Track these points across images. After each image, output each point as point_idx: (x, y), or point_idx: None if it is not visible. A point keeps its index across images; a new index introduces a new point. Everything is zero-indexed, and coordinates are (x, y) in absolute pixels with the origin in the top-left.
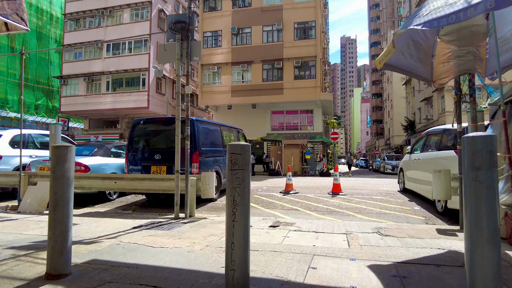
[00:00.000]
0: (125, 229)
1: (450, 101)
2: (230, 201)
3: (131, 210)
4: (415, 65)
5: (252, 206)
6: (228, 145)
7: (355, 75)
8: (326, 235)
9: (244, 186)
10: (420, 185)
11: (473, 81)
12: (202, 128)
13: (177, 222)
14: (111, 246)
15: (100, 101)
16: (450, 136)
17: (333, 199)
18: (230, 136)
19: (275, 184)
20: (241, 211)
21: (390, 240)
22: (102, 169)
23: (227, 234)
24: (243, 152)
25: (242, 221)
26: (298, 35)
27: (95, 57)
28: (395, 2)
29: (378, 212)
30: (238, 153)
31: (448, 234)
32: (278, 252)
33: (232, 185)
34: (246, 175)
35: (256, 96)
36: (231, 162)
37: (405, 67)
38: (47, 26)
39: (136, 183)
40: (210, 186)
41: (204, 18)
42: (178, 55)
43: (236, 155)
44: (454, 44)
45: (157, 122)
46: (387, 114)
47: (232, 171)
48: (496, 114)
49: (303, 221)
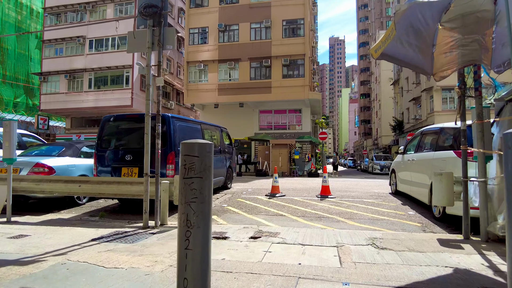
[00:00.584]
0: (82, 242)
1: (439, 101)
2: (182, 221)
3: (98, 217)
4: (414, 55)
5: (234, 212)
6: (181, 145)
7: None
8: (314, 249)
9: (202, 201)
10: (414, 188)
11: (479, 73)
12: (180, 126)
13: (145, 232)
14: (53, 267)
15: (82, 99)
16: (447, 135)
17: (322, 202)
18: (213, 135)
19: (262, 185)
20: (198, 236)
21: (387, 255)
22: (69, 171)
23: (179, 266)
24: (201, 154)
25: (199, 249)
26: (286, 33)
27: (77, 54)
28: (384, 3)
29: (371, 218)
30: (194, 155)
31: (452, 246)
32: (256, 274)
33: (186, 200)
34: (206, 185)
35: (243, 95)
36: (185, 168)
37: (403, 58)
38: (27, 20)
39: (102, 187)
40: None
41: (190, 14)
42: (149, 43)
43: (191, 158)
44: (457, 31)
45: (129, 119)
46: (375, 114)
47: (185, 180)
48: (502, 111)
49: (288, 230)
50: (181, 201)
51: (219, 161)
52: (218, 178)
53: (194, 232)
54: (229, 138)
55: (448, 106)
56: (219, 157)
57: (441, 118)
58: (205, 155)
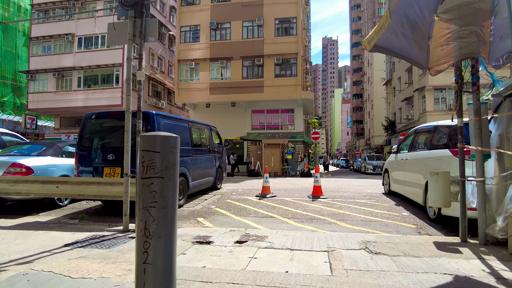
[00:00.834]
0: (53, 248)
1: (431, 101)
2: (140, 230)
3: (78, 219)
4: (409, 48)
5: (222, 214)
6: (140, 138)
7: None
8: (304, 254)
9: (164, 206)
10: (408, 188)
11: (477, 66)
12: (165, 124)
13: (124, 236)
14: (12, 279)
15: (71, 98)
16: (442, 133)
17: (313, 203)
18: (201, 134)
19: (253, 186)
20: (158, 248)
21: (382, 260)
22: (50, 171)
23: (136, 284)
24: (164, 149)
25: (160, 263)
26: (279, 32)
27: (66, 52)
28: (376, 3)
29: (364, 219)
30: (154, 150)
31: (449, 250)
32: (238, 284)
33: (144, 204)
34: (170, 187)
35: (235, 94)
36: (143, 166)
37: (398, 50)
38: (14, 17)
39: (82, 187)
40: None
41: (181, 12)
42: (130, 35)
43: (150, 154)
44: (454, 23)
45: (112, 117)
46: (367, 115)
47: (143, 181)
48: (500, 107)
49: (277, 234)
50: (139, 205)
51: (208, 160)
52: (207, 179)
53: (154, 243)
54: (219, 137)
55: (440, 106)
56: (208, 157)
57: (433, 118)
58: (168, 151)
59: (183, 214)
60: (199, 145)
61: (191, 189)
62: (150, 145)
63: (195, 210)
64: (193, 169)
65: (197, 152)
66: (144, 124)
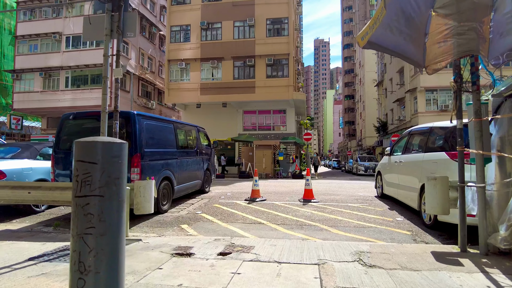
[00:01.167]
0: (16, 263)
1: (423, 102)
2: (74, 263)
3: (53, 227)
4: (405, 44)
5: (208, 220)
6: (74, 145)
7: (328, 78)
8: (292, 268)
9: (104, 232)
10: (402, 191)
11: (476, 65)
12: (147, 125)
13: None
14: None
15: (59, 98)
16: (438, 135)
17: (304, 207)
18: (188, 135)
19: (242, 189)
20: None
21: (377, 275)
22: (25, 175)
23: None
24: (104, 160)
25: None
26: (270, 32)
27: (53, 51)
28: (368, 5)
29: (356, 225)
30: (91, 160)
31: (449, 262)
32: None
33: (78, 230)
34: (113, 208)
35: (226, 95)
36: (77, 180)
37: (393, 47)
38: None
39: (56, 193)
40: (146, 199)
41: (171, 12)
42: (108, 30)
43: (86, 166)
44: (452, 18)
45: (90, 117)
46: (359, 116)
47: (78, 200)
48: (500, 108)
49: (264, 243)
50: (72, 231)
51: (195, 163)
52: (194, 182)
53: (92, 281)
54: (208, 138)
55: (432, 107)
56: (195, 159)
57: (425, 119)
58: (110, 161)
59: (166, 220)
60: (186, 147)
61: (176, 193)
62: (86, 153)
63: (179, 216)
64: (179, 172)
65: (183, 154)
66: (124, 125)
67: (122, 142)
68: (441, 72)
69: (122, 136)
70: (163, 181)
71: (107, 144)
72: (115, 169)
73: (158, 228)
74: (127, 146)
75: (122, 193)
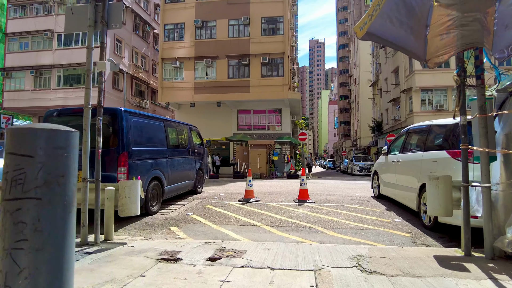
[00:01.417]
0: None
1: (418, 102)
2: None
3: None
4: (405, 36)
5: (199, 222)
6: (6, 133)
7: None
8: (286, 275)
9: (40, 247)
10: (400, 192)
11: (481, 58)
12: (135, 122)
13: (79, 251)
14: None
15: (50, 97)
16: (438, 133)
17: (299, 208)
18: (180, 134)
19: (236, 189)
20: None
21: (378, 283)
22: None
23: None
24: (43, 151)
25: None
26: (265, 31)
27: (44, 49)
28: (363, 5)
29: (354, 227)
30: (25, 153)
31: (454, 267)
32: None
33: (5, 246)
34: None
35: (221, 94)
36: (6, 179)
37: (393, 39)
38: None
39: None
40: (132, 200)
41: (165, 10)
42: (91, 21)
43: (20, 159)
44: (456, 9)
45: (76, 114)
46: (354, 116)
47: (7, 204)
48: (505, 103)
49: (257, 247)
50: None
51: (187, 162)
52: (185, 182)
53: None
54: (200, 137)
55: (427, 107)
56: (187, 158)
57: (420, 118)
58: (51, 154)
59: (155, 222)
60: (177, 146)
61: (166, 194)
62: (19, 144)
63: (169, 218)
64: (169, 172)
65: (174, 154)
66: (111, 122)
67: (69, 130)
68: (436, 72)
69: (109, 133)
70: (152, 181)
71: (48, 131)
72: (58, 165)
73: (146, 231)
74: (77, 136)
75: (70, 195)
